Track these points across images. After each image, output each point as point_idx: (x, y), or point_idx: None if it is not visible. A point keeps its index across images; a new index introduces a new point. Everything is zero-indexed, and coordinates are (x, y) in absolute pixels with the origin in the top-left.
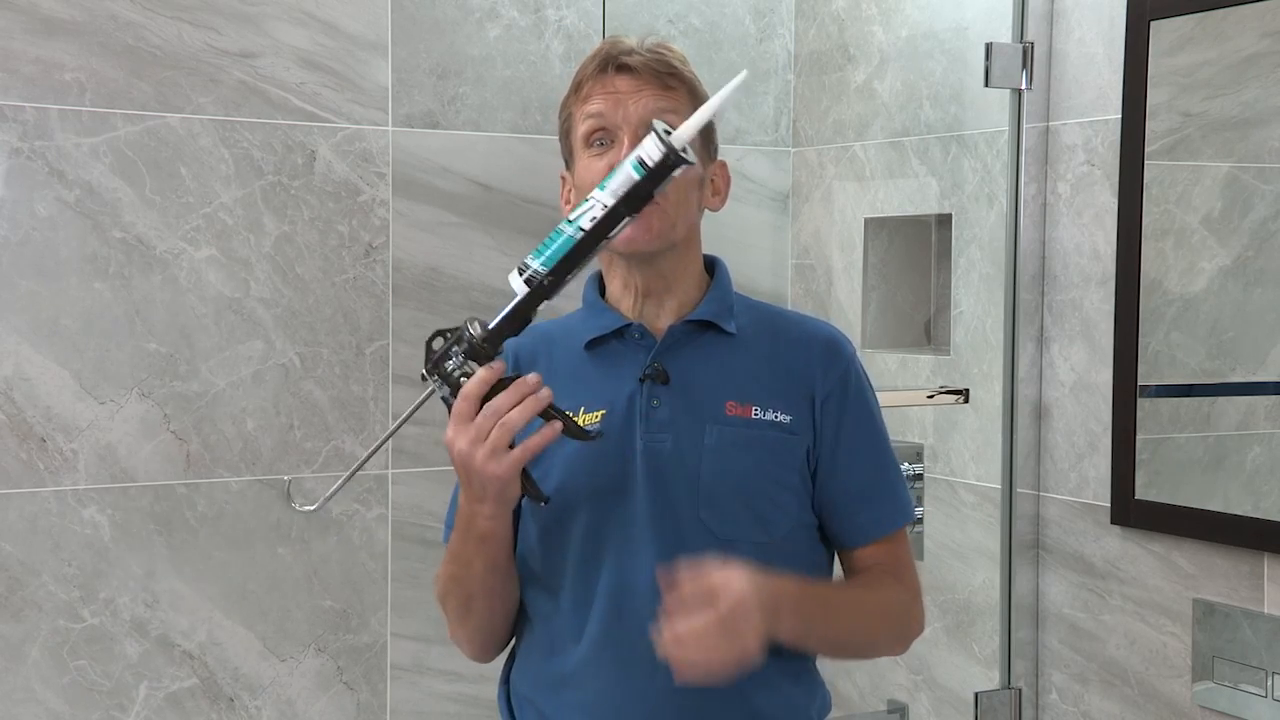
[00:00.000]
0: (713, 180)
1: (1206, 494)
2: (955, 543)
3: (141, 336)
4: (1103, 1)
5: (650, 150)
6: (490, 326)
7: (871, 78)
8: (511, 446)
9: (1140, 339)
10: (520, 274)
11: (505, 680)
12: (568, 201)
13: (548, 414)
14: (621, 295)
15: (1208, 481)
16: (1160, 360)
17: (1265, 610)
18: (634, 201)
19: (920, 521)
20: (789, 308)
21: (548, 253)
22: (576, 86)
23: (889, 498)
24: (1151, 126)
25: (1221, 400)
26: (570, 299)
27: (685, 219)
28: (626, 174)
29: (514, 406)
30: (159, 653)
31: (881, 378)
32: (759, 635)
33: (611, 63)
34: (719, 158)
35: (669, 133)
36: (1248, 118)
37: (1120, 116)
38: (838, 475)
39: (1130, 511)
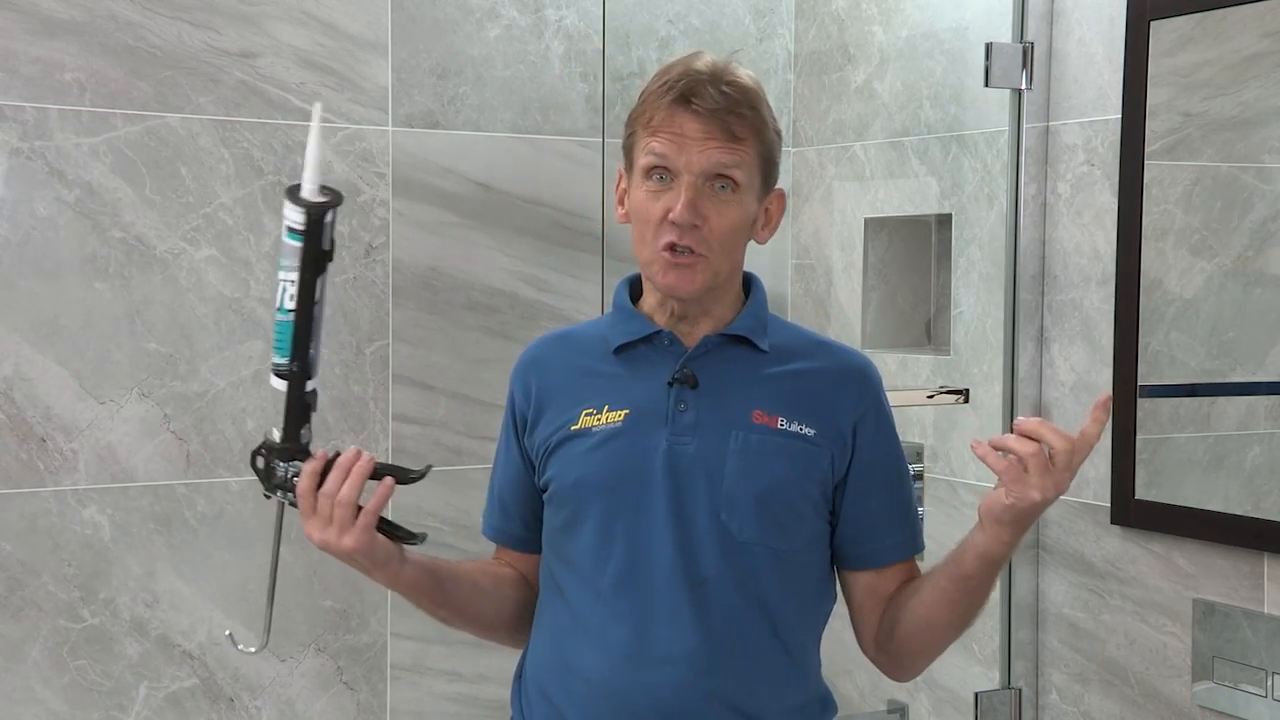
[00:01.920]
0: (766, 210)
1: (1206, 494)
2: (955, 542)
3: (141, 336)
4: (1103, 1)
5: (293, 216)
6: (283, 428)
7: (871, 78)
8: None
9: (1140, 339)
10: (275, 375)
11: (519, 674)
12: (621, 202)
13: (377, 473)
14: (656, 309)
15: (1208, 481)
16: (1160, 360)
17: (1265, 610)
18: (316, 263)
19: (920, 521)
20: (792, 316)
21: (280, 345)
22: (646, 111)
23: (911, 524)
24: (1151, 126)
25: (1221, 400)
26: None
27: (730, 261)
28: (290, 246)
29: (342, 485)
30: (159, 653)
31: (882, 378)
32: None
33: (683, 104)
34: (777, 187)
35: (298, 189)
36: (1248, 118)
37: (1120, 116)
38: (865, 499)
39: (1130, 511)
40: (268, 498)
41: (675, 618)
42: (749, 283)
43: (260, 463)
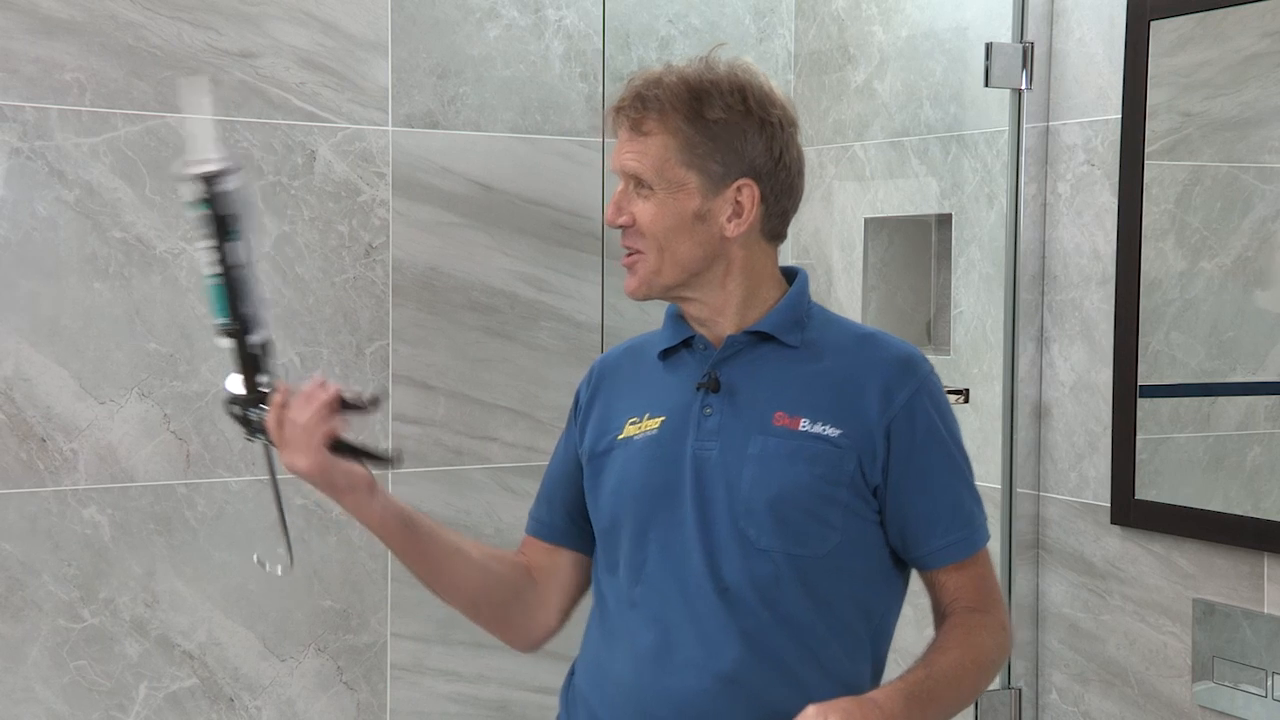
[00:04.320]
0: (737, 202)
1: (1206, 494)
2: None
3: (141, 336)
4: (1103, 1)
5: (191, 189)
6: (243, 379)
7: (871, 78)
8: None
9: (1140, 339)
10: (221, 334)
11: (570, 673)
12: None
13: (341, 406)
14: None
15: (1208, 481)
16: (1160, 360)
17: (1265, 610)
18: (225, 231)
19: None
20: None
21: (216, 308)
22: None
23: (963, 522)
24: (1151, 126)
25: (1221, 400)
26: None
27: (677, 261)
28: (196, 217)
29: (302, 410)
30: (159, 653)
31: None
32: None
33: (613, 113)
34: (744, 178)
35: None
36: (1248, 118)
37: (1120, 116)
38: (908, 500)
39: (1130, 511)
40: (250, 441)
41: (701, 624)
42: (794, 278)
43: (237, 411)
